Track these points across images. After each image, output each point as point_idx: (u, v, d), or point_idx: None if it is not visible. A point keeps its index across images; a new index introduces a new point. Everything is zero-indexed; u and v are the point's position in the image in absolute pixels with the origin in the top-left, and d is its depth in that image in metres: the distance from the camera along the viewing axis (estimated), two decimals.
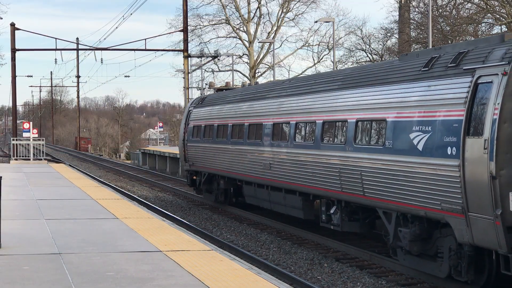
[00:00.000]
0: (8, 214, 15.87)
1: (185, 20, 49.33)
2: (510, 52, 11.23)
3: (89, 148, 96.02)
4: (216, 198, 26.26)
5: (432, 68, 13.19)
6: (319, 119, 17.07)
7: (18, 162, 42.17)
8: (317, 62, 64.09)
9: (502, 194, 10.93)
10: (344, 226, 16.43)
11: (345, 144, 15.59)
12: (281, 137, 19.34)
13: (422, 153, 12.76)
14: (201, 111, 27.50)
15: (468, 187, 11.56)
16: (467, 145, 11.61)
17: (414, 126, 13.10)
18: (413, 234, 13.39)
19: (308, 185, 17.61)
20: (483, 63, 11.75)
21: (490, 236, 11.20)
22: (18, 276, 10.13)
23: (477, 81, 11.70)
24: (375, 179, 14.36)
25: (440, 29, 45.05)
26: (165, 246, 12.58)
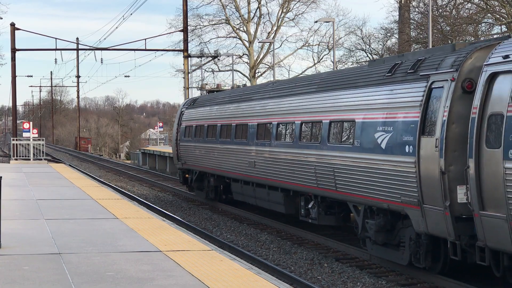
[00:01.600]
0: (8, 214, 15.87)
1: (185, 20, 49.35)
2: (459, 60, 12.45)
3: (89, 148, 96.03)
4: (207, 195, 27.32)
5: (394, 73, 14.40)
6: (298, 120, 18.26)
7: (18, 162, 42.17)
8: (317, 62, 64.14)
9: (451, 187, 12.13)
10: (320, 219, 17.55)
11: (320, 143, 16.80)
12: (265, 136, 20.51)
13: (384, 151, 13.98)
14: (193, 112, 28.79)
15: (422, 181, 12.77)
16: (422, 143, 12.85)
17: (378, 127, 14.31)
18: (378, 225, 14.58)
19: (289, 182, 18.74)
20: (436, 69, 12.94)
21: (441, 226, 12.43)
22: (18, 276, 10.13)
23: (431, 86, 12.90)
24: (345, 175, 15.60)
25: (440, 29, 45.06)
26: (165, 246, 12.58)
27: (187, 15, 49.93)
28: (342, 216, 17.37)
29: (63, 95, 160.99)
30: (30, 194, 22.01)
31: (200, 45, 65.01)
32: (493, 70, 11.43)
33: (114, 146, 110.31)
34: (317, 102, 17.53)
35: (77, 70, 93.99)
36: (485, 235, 11.38)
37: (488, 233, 11.33)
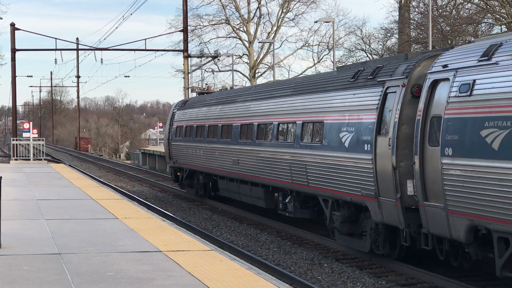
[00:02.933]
0: (8, 214, 15.87)
1: (185, 20, 49.34)
2: (409, 68, 13.91)
3: (89, 148, 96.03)
4: (197, 192, 28.82)
5: (357, 79, 15.84)
6: (275, 121, 19.79)
7: (18, 162, 42.17)
8: (317, 62, 64.14)
9: (401, 181, 13.62)
10: (296, 213, 18.86)
11: (294, 142, 18.31)
12: (247, 136, 21.98)
13: (347, 149, 15.49)
14: (183, 113, 30.42)
15: (378, 176, 14.29)
16: (378, 142, 14.36)
17: (343, 127, 15.81)
18: (343, 217, 16.00)
19: (268, 178, 20.21)
20: (390, 76, 14.40)
21: (394, 216, 13.92)
22: (18, 276, 10.13)
23: (386, 91, 14.39)
24: (315, 172, 17.05)
25: (440, 29, 45.06)
26: (165, 246, 12.58)
27: (187, 15, 49.94)
28: (316, 210, 18.43)
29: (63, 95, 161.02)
30: (30, 194, 22.02)
31: (200, 45, 65.04)
32: (435, 77, 12.88)
33: (114, 146, 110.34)
34: (291, 105, 18.98)
35: (77, 70, 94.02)
36: (428, 223, 12.85)
37: (430, 221, 12.78)
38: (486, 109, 11.39)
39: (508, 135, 10.74)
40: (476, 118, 11.54)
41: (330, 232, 17.06)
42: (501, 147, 10.87)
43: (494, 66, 11.53)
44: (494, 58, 11.58)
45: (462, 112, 11.93)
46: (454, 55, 12.93)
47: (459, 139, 11.86)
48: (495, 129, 11.05)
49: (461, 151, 11.78)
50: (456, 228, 12.07)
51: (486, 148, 11.18)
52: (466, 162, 11.65)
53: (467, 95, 11.85)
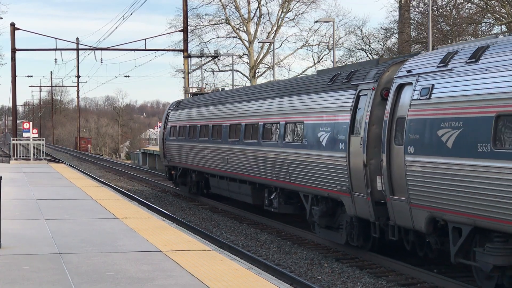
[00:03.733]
0: (8, 214, 15.87)
1: (185, 20, 49.35)
2: (379, 73, 14.98)
3: (89, 148, 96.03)
4: (190, 189, 29.95)
5: (334, 82, 16.87)
6: (261, 121, 20.86)
7: (18, 162, 42.17)
8: (317, 62, 64.11)
9: (372, 177, 14.65)
10: (281, 208, 19.91)
11: (278, 142, 19.39)
12: (235, 136, 23.05)
13: (325, 148, 16.56)
14: (177, 114, 31.59)
15: (352, 173, 15.33)
16: (351, 141, 15.41)
17: (321, 127, 16.83)
18: (321, 211, 17.03)
19: (255, 176, 21.25)
20: (363, 80, 15.44)
21: (365, 209, 14.96)
22: (18, 276, 10.13)
23: (358, 94, 15.42)
24: (297, 169, 18.11)
25: (440, 29, 45.06)
26: (165, 246, 12.58)
27: (187, 15, 49.95)
28: (298, 205, 19.24)
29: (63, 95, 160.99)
30: (30, 194, 22.02)
31: (200, 45, 65.02)
32: (400, 82, 13.93)
33: (114, 146, 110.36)
34: (276, 106, 20.11)
35: (77, 70, 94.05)
36: (395, 215, 13.92)
37: (396, 214, 13.84)
38: (442, 111, 12.45)
39: (460, 134, 11.84)
40: (434, 119, 12.60)
41: (311, 225, 18.10)
42: (454, 146, 11.95)
43: (450, 72, 12.57)
44: (450, 65, 12.61)
45: (422, 113, 12.99)
46: (417, 61, 13.99)
47: (420, 138, 12.93)
48: (450, 129, 12.13)
49: (421, 149, 12.84)
50: (418, 219, 13.13)
51: (442, 146, 12.24)
52: (425, 159, 12.74)
53: (426, 98, 12.92)
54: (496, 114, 11.01)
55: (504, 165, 10.79)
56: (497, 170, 10.95)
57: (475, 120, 11.55)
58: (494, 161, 11.04)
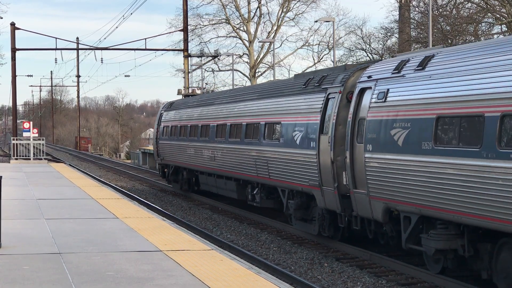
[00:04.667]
0: (8, 214, 15.87)
1: (185, 19, 49.33)
2: (345, 78, 16.46)
3: (89, 148, 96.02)
4: (181, 186, 31.26)
5: (307, 86, 18.32)
6: (244, 121, 22.30)
7: (18, 161, 42.18)
8: (317, 62, 64.13)
9: (338, 173, 16.13)
10: (262, 203, 21.27)
11: (258, 140, 20.84)
12: (221, 135, 24.49)
13: (299, 146, 17.97)
14: (169, 114, 33.14)
15: (321, 169, 16.79)
16: (321, 140, 16.87)
17: (296, 127, 18.23)
18: (296, 204, 18.43)
19: (239, 173, 22.63)
20: (331, 84, 16.93)
21: (333, 202, 16.45)
22: (18, 276, 10.13)
23: (327, 97, 16.94)
24: (275, 166, 19.58)
25: (440, 28, 45.04)
26: (165, 246, 12.58)
27: (187, 14, 49.94)
28: (278, 200, 20.43)
29: (63, 94, 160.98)
30: (30, 193, 22.02)
31: (200, 44, 65.05)
32: (362, 86, 15.38)
33: (114, 145, 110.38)
34: (257, 108, 21.61)
35: (77, 69, 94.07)
36: (357, 207, 15.38)
37: (359, 205, 15.29)
38: (395, 113, 13.91)
39: (408, 134, 13.33)
40: (388, 120, 14.06)
41: (288, 218, 19.62)
42: (403, 143, 13.44)
43: (402, 78, 14.05)
44: (403, 72, 14.10)
45: (379, 115, 14.43)
46: (377, 67, 15.44)
47: (376, 137, 14.35)
48: (400, 129, 13.60)
49: (378, 147, 14.30)
50: (376, 210, 14.58)
51: (394, 144, 13.71)
52: (381, 156, 14.21)
53: (382, 101, 14.38)
54: (436, 116, 12.53)
55: (443, 161, 12.20)
56: (437, 165, 12.37)
57: (420, 121, 13.01)
58: (435, 157, 12.46)
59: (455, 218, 12.18)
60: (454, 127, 12.11)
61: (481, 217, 11.43)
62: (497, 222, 11.05)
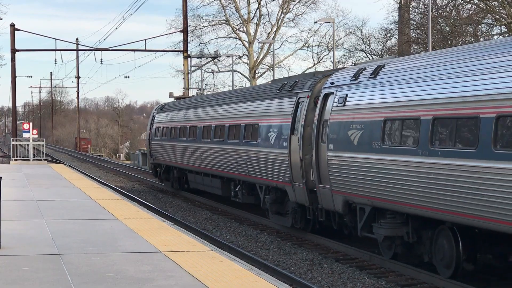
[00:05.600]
0: (8, 215, 15.87)
1: (185, 20, 49.31)
2: (313, 84, 18.11)
3: (89, 149, 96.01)
4: (172, 185, 32.85)
5: (281, 91, 20.03)
6: (227, 123, 24.06)
7: (18, 162, 42.19)
8: (317, 63, 64.15)
9: (306, 170, 17.75)
10: (243, 199, 22.91)
11: (239, 141, 22.44)
12: (207, 136, 26.15)
13: (273, 146, 19.61)
14: (161, 116, 34.89)
15: (292, 166, 18.40)
16: (291, 140, 18.48)
17: (271, 128, 19.90)
18: (271, 199, 20.15)
19: (223, 171, 24.27)
20: (301, 89, 18.59)
21: (302, 196, 18.08)
22: (18, 276, 10.13)
23: (298, 101, 18.56)
24: (253, 164, 21.18)
25: (440, 29, 45.05)
26: (165, 247, 12.59)
27: (187, 15, 49.92)
28: (258, 196, 21.65)
29: (63, 95, 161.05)
30: (30, 194, 22.02)
31: (200, 45, 65.02)
32: (326, 91, 17.12)
33: (114, 146, 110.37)
34: (238, 110, 23.36)
35: (77, 70, 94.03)
36: (322, 200, 17.08)
37: (323, 199, 16.97)
38: (352, 116, 15.52)
39: (362, 134, 14.97)
40: (346, 122, 15.69)
41: (266, 212, 21.22)
42: (358, 143, 15.11)
43: (358, 85, 15.72)
44: (359, 79, 15.77)
45: (339, 118, 16.07)
46: (339, 75, 17.15)
47: (337, 137, 16.03)
48: (355, 130, 15.24)
49: (338, 146, 15.97)
50: (337, 203, 16.25)
51: (351, 144, 15.38)
52: (340, 154, 15.89)
53: (342, 105, 16.05)
54: (384, 118, 14.18)
55: (389, 158, 13.91)
56: (385, 161, 14.04)
57: (371, 123, 14.67)
58: (382, 155, 14.16)
59: (400, 209, 13.84)
60: (397, 128, 13.84)
61: (420, 207, 13.08)
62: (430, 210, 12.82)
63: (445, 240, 13.08)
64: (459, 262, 12.83)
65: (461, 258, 12.79)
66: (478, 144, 11.40)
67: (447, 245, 13.04)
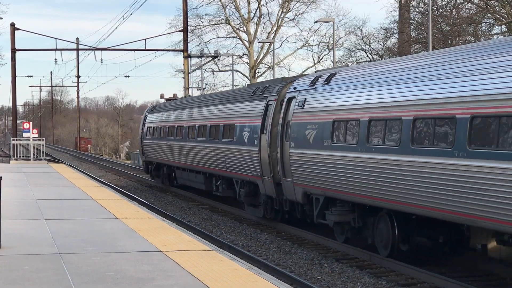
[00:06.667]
0: (8, 214, 15.86)
1: (185, 20, 49.32)
2: (280, 88, 20.35)
3: (89, 148, 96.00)
4: (162, 181, 34.99)
5: (254, 94, 22.23)
6: (208, 123, 26.32)
7: (18, 162, 42.18)
8: (317, 62, 64.13)
9: (273, 165, 19.92)
10: (224, 192, 24.95)
11: (218, 139, 24.69)
12: (192, 135, 28.35)
13: (246, 144, 21.76)
14: (152, 116, 37.25)
15: (262, 162, 20.60)
16: (261, 139, 20.66)
17: (245, 128, 22.06)
18: (246, 192, 22.32)
19: (205, 167, 26.48)
20: (270, 93, 20.84)
21: (271, 189, 20.23)
22: (18, 276, 10.13)
23: (267, 103, 20.74)
24: (230, 160, 23.38)
25: (440, 29, 45.04)
26: (165, 246, 12.59)
27: (187, 15, 49.93)
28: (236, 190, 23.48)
29: (63, 95, 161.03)
30: (30, 194, 22.02)
31: (200, 45, 65.05)
32: (289, 95, 19.26)
33: (114, 146, 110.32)
34: (218, 112, 25.58)
35: (77, 70, 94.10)
36: (286, 192, 19.25)
37: (286, 191, 19.15)
38: (309, 117, 17.67)
39: (316, 134, 17.16)
40: (304, 123, 17.86)
41: (242, 204, 23.42)
42: (313, 141, 17.30)
43: (315, 90, 17.83)
44: (316, 85, 17.87)
45: (299, 119, 18.21)
46: (301, 81, 19.20)
47: (297, 136, 18.17)
48: (311, 130, 17.42)
49: (298, 144, 18.11)
50: (298, 194, 18.36)
51: (307, 141, 17.56)
52: (299, 151, 18.02)
53: (301, 108, 18.18)
54: (333, 120, 16.39)
55: (337, 154, 16.14)
56: (333, 157, 16.28)
57: (323, 124, 16.87)
58: (332, 151, 16.40)
59: (347, 198, 16.01)
60: (343, 128, 16.01)
61: (362, 196, 15.13)
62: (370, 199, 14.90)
63: (384, 224, 15.08)
64: (395, 243, 14.73)
65: (396, 240, 14.69)
66: (401, 142, 13.57)
67: (385, 229, 15.02)
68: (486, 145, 11.45)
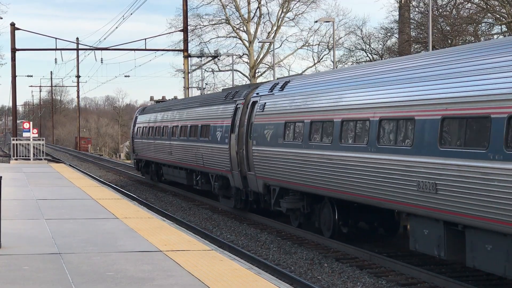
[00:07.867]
0: (8, 214, 15.87)
1: (185, 20, 49.33)
2: (246, 93, 23.00)
3: (89, 148, 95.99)
4: (151, 177, 37.82)
5: (226, 98, 24.96)
6: (189, 124, 29.17)
7: (18, 162, 42.18)
8: (317, 62, 64.16)
9: (240, 161, 22.51)
10: (203, 186, 27.57)
11: (197, 138, 27.49)
12: (175, 135, 31.26)
13: (219, 142, 24.44)
14: (142, 117, 40.22)
15: (231, 158, 23.13)
16: (231, 138, 23.23)
17: (218, 128, 24.78)
18: (219, 185, 25.04)
19: (186, 164, 29.28)
20: (239, 97, 23.45)
21: (239, 182, 22.75)
22: (18, 276, 10.13)
23: (236, 106, 23.39)
24: (207, 157, 26.13)
25: (440, 29, 45.04)
26: (165, 246, 12.59)
27: (187, 15, 49.94)
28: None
29: (63, 95, 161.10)
30: (30, 194, 22.02)
31: (200, 45, 65.08)
32: (253, 100, 21.93)
33: (114, 146, 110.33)
34: (197, 113, 28.46)
35: (77, 70, 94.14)
36: (250, 184, 21.90)
37: (251, 183, 21.81)
38: (267, 119, 20.41)
39: (272, 133, 19.81)
40: (264, 124, 20.60)
41: (217, 197, 26.26)
42: (270, 139, 20.01)
43: (272, 96, 20.58)
44: (274, 91, 20.61)
45: (260, 120, 20.91)
46: (263, 87, 21.96)
47: (258, 135, 20.87)
48: (269, 129, 20.16)
49: (258, 142, 20.82)
50: (260, 186, 21.00)
51: (265, 140, 20.33)
52: (259, 148, 20.71)
53: (262, 111, 20.87)
54: (284, 121, 19.15)
55: (287, 150, 18.78)
56: (284, 153, 18.92)
57: (278, 124, 19.58)
58: (283, 148, 19.03)
59: (296, 188, 18.67)
60: (292, 128, 18.73)
61: (308, 186, 17.79)
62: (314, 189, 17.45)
63: (327, 210, 17.84)
64: (336, 226, 17.50)
65: (337, 223, 17.49)
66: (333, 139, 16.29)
67: (328, 214, 17.79)
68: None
